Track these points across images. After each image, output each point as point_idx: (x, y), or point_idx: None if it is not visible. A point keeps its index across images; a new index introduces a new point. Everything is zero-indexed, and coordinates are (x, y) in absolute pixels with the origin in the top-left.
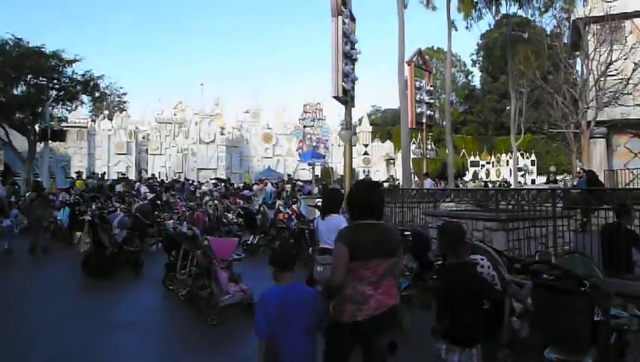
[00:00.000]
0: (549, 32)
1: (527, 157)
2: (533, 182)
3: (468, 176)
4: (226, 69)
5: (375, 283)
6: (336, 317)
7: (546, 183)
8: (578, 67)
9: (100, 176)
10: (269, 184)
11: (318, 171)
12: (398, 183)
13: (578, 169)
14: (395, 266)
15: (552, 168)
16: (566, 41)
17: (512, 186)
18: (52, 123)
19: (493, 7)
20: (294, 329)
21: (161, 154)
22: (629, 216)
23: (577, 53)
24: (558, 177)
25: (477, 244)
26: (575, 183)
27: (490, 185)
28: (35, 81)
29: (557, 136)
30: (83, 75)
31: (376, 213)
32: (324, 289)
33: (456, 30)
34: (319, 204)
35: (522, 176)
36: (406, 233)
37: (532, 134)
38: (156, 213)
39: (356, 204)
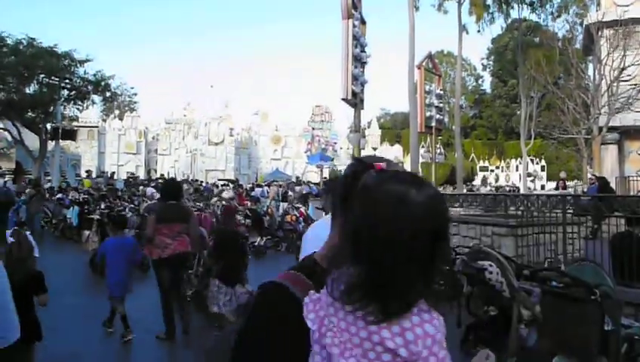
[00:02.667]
0: (560, 37)
1: (537, 163)
2: (542, 187)
3: (477, 181)
4: (235, 70)
5: (172, 236)
6: (151, 255)
7: (555, 189)
8: (590, 72)
9: (109, 175)
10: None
11: (326, 173)
12: None
13: (589, 175)
14: (187, 228)
15: (562, 174)
16: (578, 46)
17: (522, 192)
18: (63, 122)
19: (505, 11)
20: (119, 264)
21: (170, 155)
22: None
23: (589, 58)
24: (569, 183)
25: (486, 250)
26: (586, 190)
27: (499, 191)
28: (48, 80)
29: (568, 142)
30: (94, 75)
31: (175, 197)
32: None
33: (467, 33)
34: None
35: (532, 181)
36: None
37: (542, 139)
38: None
39: (165, 192)
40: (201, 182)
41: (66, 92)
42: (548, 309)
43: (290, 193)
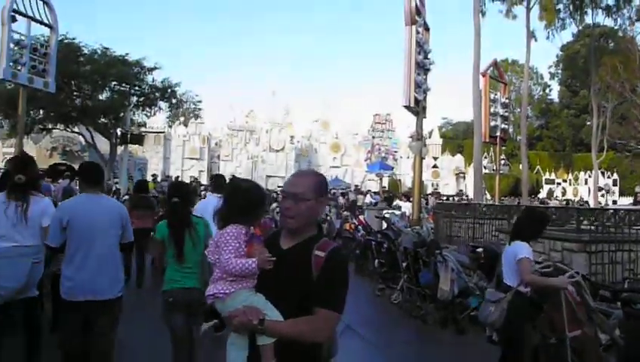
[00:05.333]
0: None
1: (609, 177)
2: (614, 202)
3: (542, 194)
4: (296, 78)
5: None
6: None
7: (633, 204)
8: None
9: (174, 179)
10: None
11: (385, 182)
12: (467, 198)
13: None
14: None
15: (638, 188)
16: None
17: (592, 207)
18: (132, 127)
19: (579, 16)
20: None
21: (232, 161)
22: None
23: None
24: None
25: (559, 266)
26: None
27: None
28: (119, 87)
29: None
30: (162, 82)
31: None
32: None
33: (535, 40)
34: (386, 215)
35: (602, 196)
36: (477, 249)
37: (615, 152)
38: None
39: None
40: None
41: (135, 98)
42: (631, 334)
43: (341, 201)
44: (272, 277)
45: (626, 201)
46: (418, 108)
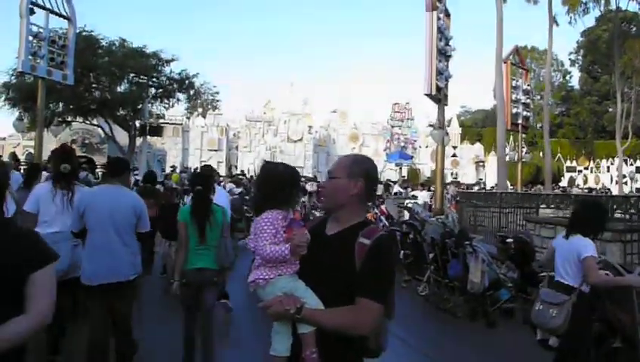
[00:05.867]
0: None
1: (632, 164)
2: (638, 190)
3: (563, 182)
4: (314, 68)
5: None
6: None
7: None
8: None
9: (193, 170)
10: None
11: (404, 172)
12: (485, 187)
13: None
14: None
15: None
16: None
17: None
18: (150, 119)
19: (603, 0)
20: None
21: (250, 152)
22: None
23: None
24: None
25: (604, 260)
26: None
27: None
28: (137, 79)
29: None
30: (179, 74)
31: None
32: None
33: (557, 25)
34: (409, 204)
35: (625, 183)
36: (508, 240)
37: (637, 138)
38: (245, 208)
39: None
40: None
41: (153, 90)
42: None
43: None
44: (315, 264)
45: None
46: (440, 96)
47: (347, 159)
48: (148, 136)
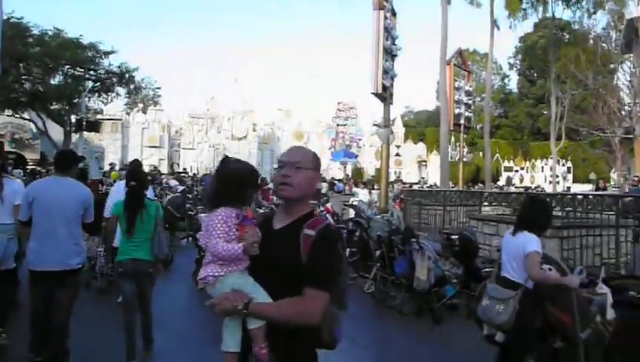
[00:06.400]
0: (592, 36)
1: (563, 165)
2: (568, 189)
3: (501, 182)
4: (259, 65)
5: None
6: None
7: (595, 190)
8: (626, 70)
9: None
10: None
11: (349, 170)
12: (430, 186)
13: (634, 176)
14: None
15: (592, 176)
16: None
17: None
18: (88, 114)
19: (541, 7)
20: None
21: (193, 149)
22: None
23: (627, 56)
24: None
25: (550, 257)
26: (627, 191)
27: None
28: (73, 71)
29: (597, 143)
30: (119, 67)
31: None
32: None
33: (498, 29)
34: (355, 203)
35: (557, 183)
36: (452, 237)
37: (569, 141)
38: (187, 206)
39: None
40: None
41: (90, 84)
42: (624, 322)
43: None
44: (264, 258)
45: (578, 188)
46: (385, 95)
47: (308, 151)
48: (85, 132)
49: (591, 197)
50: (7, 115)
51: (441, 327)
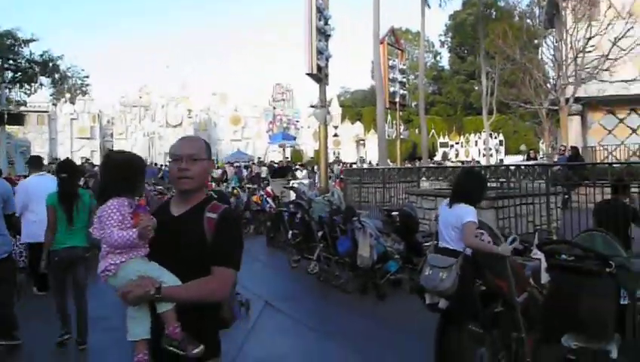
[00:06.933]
0: (517, 13)
1: (495, 138)
2: (501, 161)
3: (437, 157)
4: (191, 49)
5: None
6: None
7: (527, 160)
8: (549, 44)
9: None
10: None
11: (288, 153)
12: (370, 164)
13: (560, 145)
14: None
15: (523, 147)
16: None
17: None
18: (10, 106)
19: None
20: None
21: (126, 139)
22: (626, 190)
23: (549, 31)
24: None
25: (484, 222)
26: (555, 160)
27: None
28: None
29: (525, 116)
30: (41, 56)
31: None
32: None
33: (429, 8)
34: (295, 185)
35: (491, 156)
36: (393, 213)
37: (500, 114)
38: None
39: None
40: (162, 165)
41: (10, 74)
42: (557, 285)
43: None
44: (166, 244)
45: (510, 160)
46: (321, 76)
47: (201, 141)
48: (7, 126)
49: (523, 167)
50: None
51: (386, 302)
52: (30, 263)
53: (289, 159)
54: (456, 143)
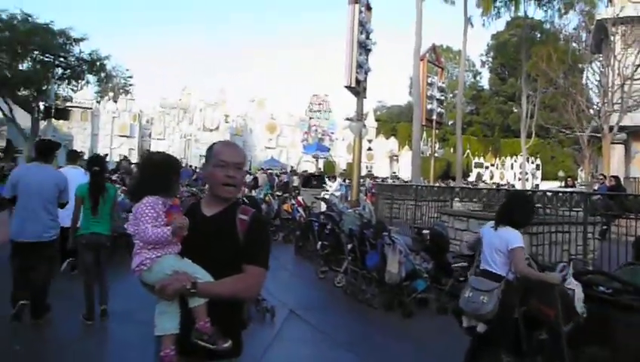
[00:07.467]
0: (562, 35)
1: (532, 162)
2: (537, 186)
3: (471, 178)
4: (232, 56)
5: None
6: None
7: (563, 188)
8: (595, 70)
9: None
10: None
11: (321, 164)
12: (402, 181)
13: (599, 174)
14: None
15: (561, 173)
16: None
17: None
18: (57, 101)
19: (513, 6)
20: None
21: (164, 139)
22: None
23: (596, 56)
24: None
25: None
26: (595, 189)
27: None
28: (42, 58)
29: (565, 142)
30: (90, 55)
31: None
32: None
33: (472, 27)
34: (326, 196)
35: (526, 180)
36: (423, 231)
37: (538, 138)
38: None
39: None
40: (196, 167)
41: (60, 70)
42: (591, 317)
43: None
44: (198, 243)
45: (547, 185)
46: (359, 89)
47: (243, 150)
48: (53, 120)
49: (560, 194)
50: None
51: (412, 321)
52: (61, 244)
53: (321, 170)
54: (492, 165)
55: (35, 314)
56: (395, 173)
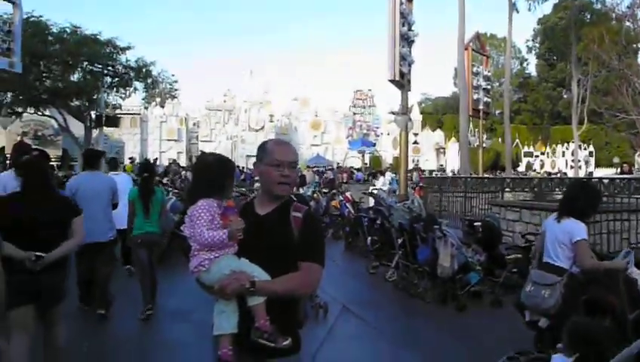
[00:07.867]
0: (614, 15)
1: (585, 149)
2: (591, 174)
3: (521, 168)
4: (275, 55)
5: None
6: None
7: (619, 175)
8: None
9: (152, 161)
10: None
11: (367, 159)
12: (449, 173)
13: None
14: None
15: (616, 160)
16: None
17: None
18: (107, 109)
19: None
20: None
21: (211, 141)
22: None
23: None
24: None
25: None
26: None
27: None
28: (91, 68)
29: (620, 126)
30: (136, 62)
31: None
32: None
33: (517, 12)
34: (374, 191)
35: (579, 168)
36: (475, 224)
37: (591, 124)
38: None
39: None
40: (243, 167)
41: (108, 79)
42: None
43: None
44: (253, 242)
45: (601, 173)
46: (403, 82)
47: (294, 148)
48: (104, 127)
49: (617, 181)
50: (30, 113)
51: (465, 314)
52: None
53: (367, 165)
54: (542, 153)
55: (101, 306)
56: (442, 165)
